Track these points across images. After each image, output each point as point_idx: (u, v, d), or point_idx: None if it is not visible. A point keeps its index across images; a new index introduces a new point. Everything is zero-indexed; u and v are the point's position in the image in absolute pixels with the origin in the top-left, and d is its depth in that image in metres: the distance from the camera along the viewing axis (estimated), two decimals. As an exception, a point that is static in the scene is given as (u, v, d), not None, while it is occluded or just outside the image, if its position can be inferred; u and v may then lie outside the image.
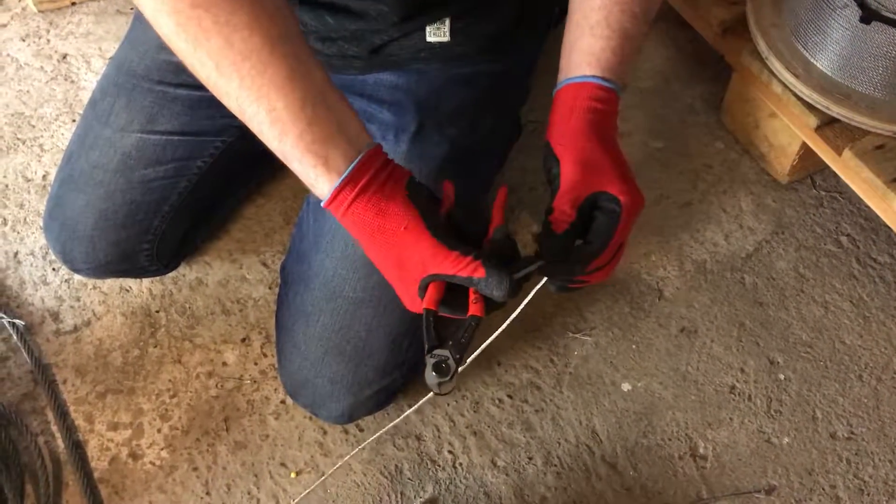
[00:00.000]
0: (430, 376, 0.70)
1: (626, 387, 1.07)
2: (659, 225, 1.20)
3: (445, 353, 0.70)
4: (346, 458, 0.90)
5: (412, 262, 0.71)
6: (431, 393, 0.75)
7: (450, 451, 1.03)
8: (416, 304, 0.73)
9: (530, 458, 1.02)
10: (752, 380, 1.07)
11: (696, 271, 1.16)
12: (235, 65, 0.68)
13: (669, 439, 1.04)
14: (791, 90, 1.10)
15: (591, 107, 0.77)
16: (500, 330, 0.76)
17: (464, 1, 0.91)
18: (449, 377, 0.70)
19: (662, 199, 1.23)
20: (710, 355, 1.10)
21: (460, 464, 1.02)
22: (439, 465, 1.02)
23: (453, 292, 0.72)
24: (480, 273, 0.69)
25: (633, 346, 1.10)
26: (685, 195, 1.24)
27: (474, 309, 0.71)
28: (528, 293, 0.75)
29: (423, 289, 0.72)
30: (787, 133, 1.18)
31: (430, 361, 0.70)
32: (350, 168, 0.69)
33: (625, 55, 0.79)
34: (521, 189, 1.21)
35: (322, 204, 0.71)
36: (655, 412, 1.05)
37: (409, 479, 1.01)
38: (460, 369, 0.71)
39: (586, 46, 0.78)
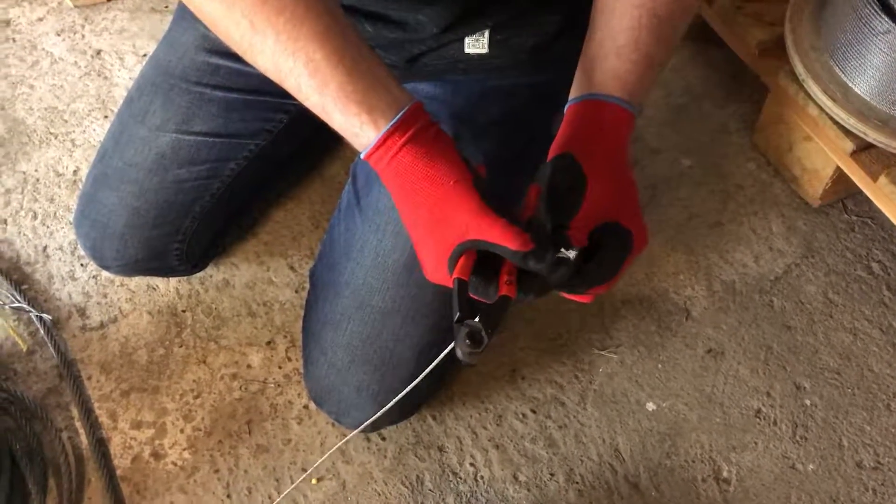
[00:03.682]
0: (464, 344, 0.65)
1: (650, 406, 1.07)
2: (688, 244, 1.20)
3: (478, 324, 0.65)
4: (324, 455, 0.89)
5: (454, 223, 0.67)
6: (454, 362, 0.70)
7: (471, 464, 1.03)
8: (441, 270, 0.69)
9: (552, 475, 1.02)
10: (778, 404, 1.07)
11: (724, 292, 1.16)
12: (270, 20, 0.67)
13: (693, 461, 1.03)
14: (828, 114, 1.09)
15: (619, 131, 0.74)
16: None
17: (504, 12, 0.90)
18: (481, 349, 0.65)
19: (693, 217, 1.22)
20: (736, 378, 1.09)
21: (482, 477, 1.02)
22: (461, 478, 1.02)
23: (483, 271, 0.68)
24: (530, 245, 0.65)
25: (659, 366, 1.10)
26: (715, 215, 1.23)
27: (507, 290, 0.67)
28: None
29: (454, 259, 0.68)
30: (821, 156, 1.17)
31: (462, 330, 0.65)
32: (399, 115, 0.67)
33: (648, 81, 0.76)
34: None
35: (363, 154, 0.68)
36: (680, 433, 1.05)
37: (430, 490, 1.01)
38: (490, 342, 0.66)
39: (611, 68, 0.75)
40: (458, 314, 0.66)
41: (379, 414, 0.83)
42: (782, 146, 1.24)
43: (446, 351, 0.73)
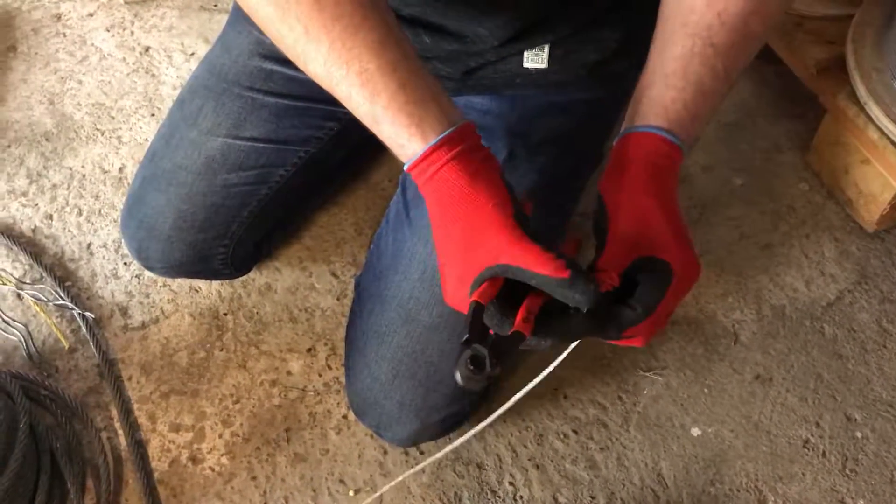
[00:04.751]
0: (465, 367, 0.61)
1: (695, 431, 1.04)
2: (738, 265, 1.17)
3: (484, 351, 0.62)
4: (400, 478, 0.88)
5: (486, 246, 0.65)
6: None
7: (511, 483, 1.01)
8: (462, 292, 0.67)
9: (593, 498, 1.00)
10: (828, 435, 1.04)
11: (773, 316, 1.13)
12: (325, 27, 0.66)
13: (738, 490, 1.01)
14: (889, 137, 1.07)
15: (651, 160, 0.70)
16: (532, 383, 0.72)
17: (566, 28, 0.88)
18: (481, 375, 0.62)
19: (742, 238, 1.20)
20: (784, 406, 1.06)
21: (521, 496, 1.00)
22: (499, 496, 1.00)
23: (502, 304, 0.66)
24: (564, 274, 0.62)
25: (705, 390, 1.07)
26: (766, 236, 1.20)
27: (522, 327, 0.64)
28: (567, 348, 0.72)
29: (478, 283, 0.66)
30: (879, 181, 1.14)
31: (466, 352, 0.62)
32: (448, 131, 0.66)
33: (697, 111, 0.72)
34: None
35: (407, 166, 0.68)
36: (725, 460, 1.02)
37: (468, 507, 1.00)
38: (494, 373, 0.62)
39: (656, 96, 0.72)
40: (466, 336, 0.63)
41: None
42: (838, 168, 1.21)
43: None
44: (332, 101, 1.01)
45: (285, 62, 1.01)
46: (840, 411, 1.06)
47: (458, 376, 0.62)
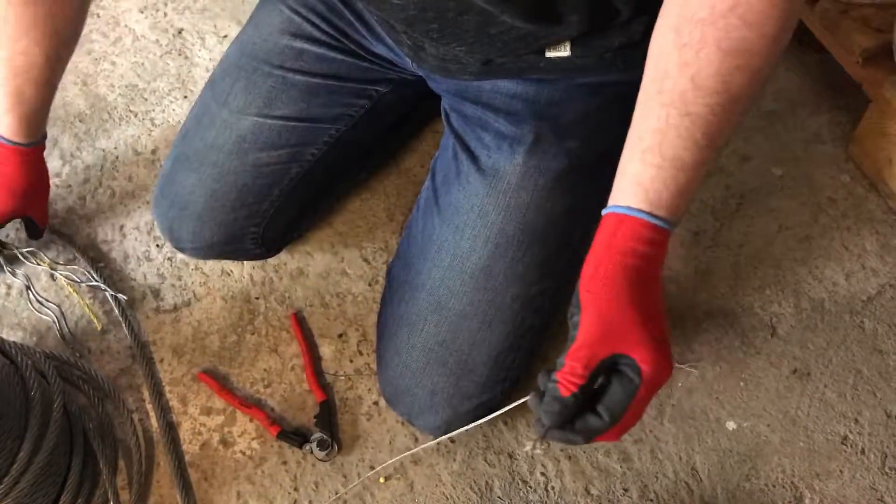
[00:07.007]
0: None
1: (730, 425, 1.03)
2: (776, 257, 1.15)
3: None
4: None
5: None
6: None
7: (542, 474, 1.00)
8: None
9: (626, 490, 0.99)
10: (867, 432, 1.02)
11: (812, 310, 1.11)
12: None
13: (773, 486, 0.99)
14: (937, 129, 1.04)
15: (630, 248, 0.67)
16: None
17: (586, 25, 0.83)
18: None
19: (782, 229, 1.17)
20: (822, 401, 1.04)
21: (552, 487, 0.99)
22: (531, 487, 0.99)
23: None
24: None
25: (741, 384, 1.05)
26: (805, 228, 1.18)
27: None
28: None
29: None
30: (925, 173, 1.11)
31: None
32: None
33: (679, 187, 0.67)
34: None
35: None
36: (760, 455, 1.01)
37: (499, 497, 0.99)
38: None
39: (634, 173, 0.68)
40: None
41: (463, 430, 0.81)
42: (881, 160, 1.18)
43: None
44: (362, 79, 0.99)
45: (315, 41, 1.00)
46: (880, 408, 1.03)
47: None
